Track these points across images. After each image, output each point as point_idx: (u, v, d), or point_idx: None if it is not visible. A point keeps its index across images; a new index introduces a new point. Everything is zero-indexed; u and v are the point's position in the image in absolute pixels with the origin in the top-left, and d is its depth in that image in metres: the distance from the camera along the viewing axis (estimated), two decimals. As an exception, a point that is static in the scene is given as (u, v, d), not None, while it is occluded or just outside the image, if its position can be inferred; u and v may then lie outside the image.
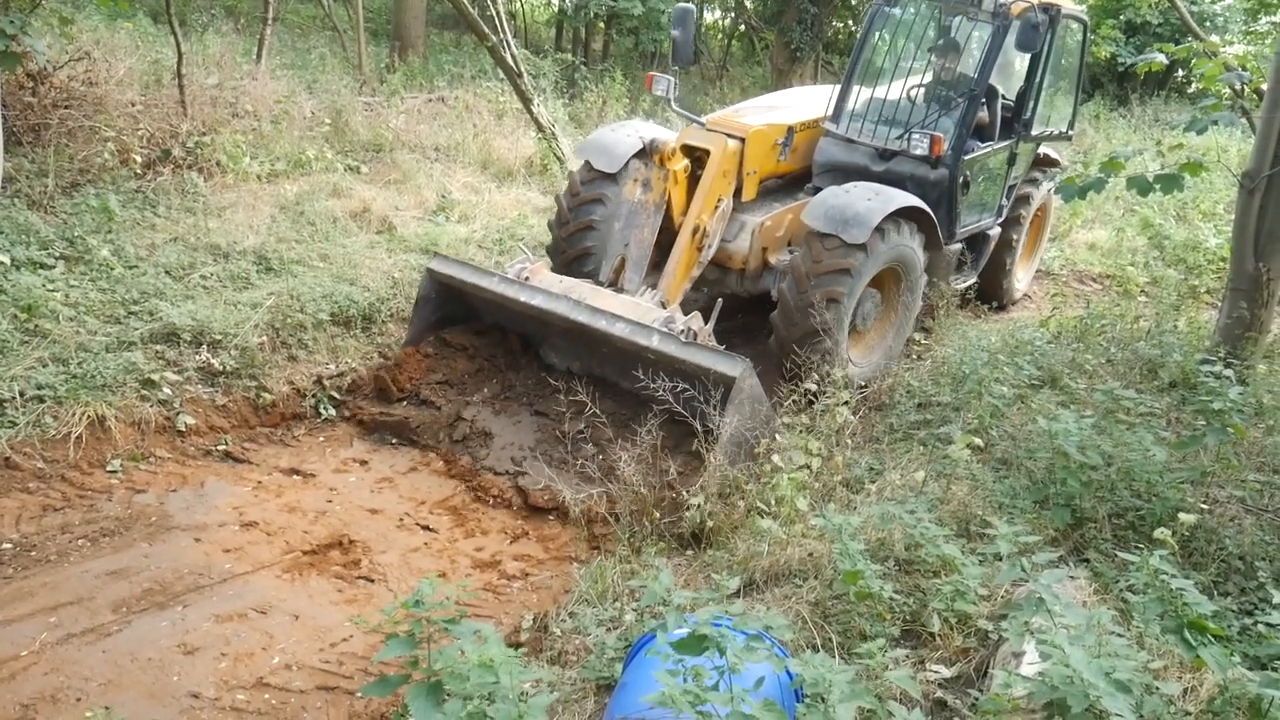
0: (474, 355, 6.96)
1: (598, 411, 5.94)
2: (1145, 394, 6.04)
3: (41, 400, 5.72)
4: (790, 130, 7.53)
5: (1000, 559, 4.22)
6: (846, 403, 5.78)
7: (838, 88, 7.96)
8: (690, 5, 7.39)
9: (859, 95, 7.83)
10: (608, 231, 7.15)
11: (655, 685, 3.09)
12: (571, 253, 7.32)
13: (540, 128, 11.85)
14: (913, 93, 7.76)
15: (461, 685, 2.38)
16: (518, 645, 4.54)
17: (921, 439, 5.98)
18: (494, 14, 11.92)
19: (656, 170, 7.03)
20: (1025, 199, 8.90)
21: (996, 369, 6.27)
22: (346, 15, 17.17)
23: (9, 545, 4.90)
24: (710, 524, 5.09)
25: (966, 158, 7.50)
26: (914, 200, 6.93)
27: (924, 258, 7.22)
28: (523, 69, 11.91)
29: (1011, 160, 8.30)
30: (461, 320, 7.17)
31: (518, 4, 19.64)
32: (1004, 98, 8.20)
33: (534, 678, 2.96)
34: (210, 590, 4.81)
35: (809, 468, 5.26)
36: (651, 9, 17.33)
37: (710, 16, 23.52)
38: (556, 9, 21.16)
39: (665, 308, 6.46)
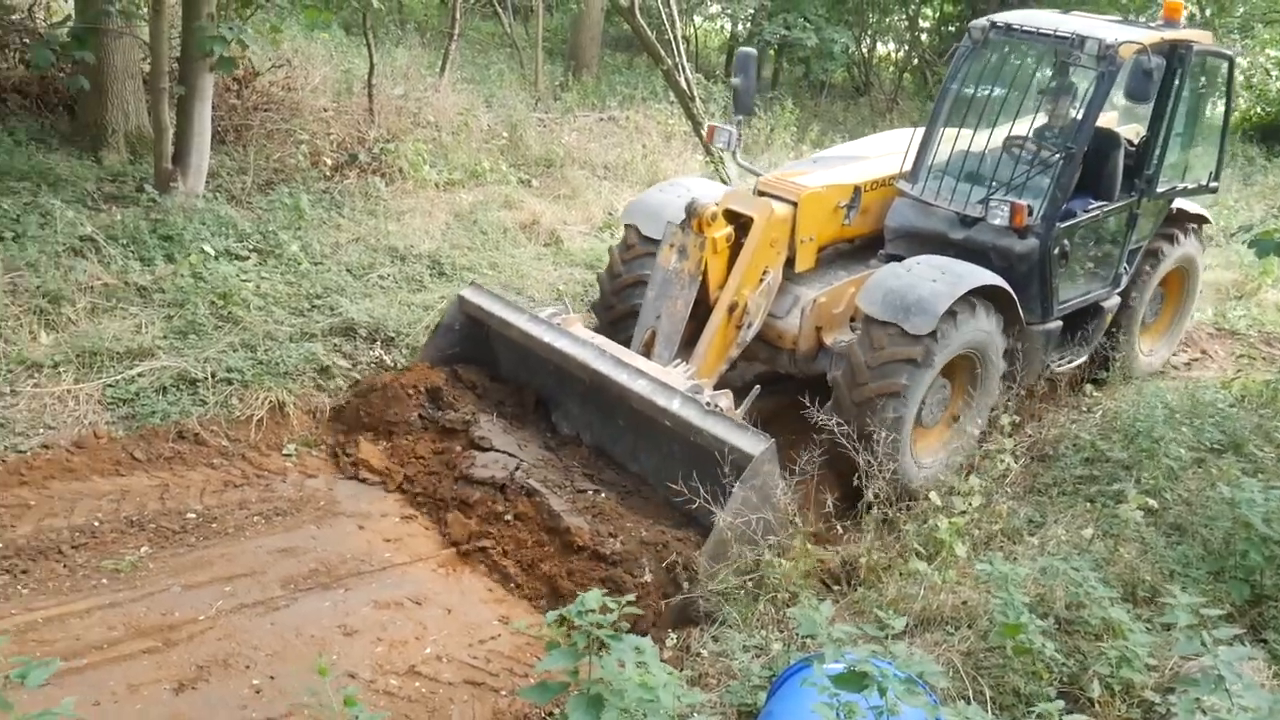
0: (482, 395, 6.39)
1: (596, 485, 5.64)
2: (1341, 467, 5.65)
3: (230, 383, 6.10)
4: (857, 191, 6.60)
5: (1172, 629, 4.02)
6: (1011, 451, 5.60)
7: (916, 140, 6.85)
8: (753, 51, 6.83)
9: (938, 151, 6.77)
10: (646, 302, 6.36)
11: (803, 716, 3.07)
12: (620, 309, 6.75)
13: (708, 151, 11.94)
14: (1000, 149, 6.62)
15: (619, 700, 2.41)
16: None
17: (1089, 495, 5.74)
18: (671, 38, 12.10)
19: (694, 236, 6.10)
20: (1153, 259, 7.55)
21: (1174, 429, 5.98)
22: (525, 34, 17.74)
23: (193, 515, 5.23)
24: (863, 561, 5.01)
25: (1065, 224, 6.42)
26: (990, 279, 5.93)
27: (1004, 342, 6.21)
28: (695, 93, 12.04)
29: (1132, 222, 7.05)
30: (478, 362, 6.62)
31: (691, 29, 19.87)
32: (1130, 146, 7.06)
33: (695, 701, 2.97)
34: (370, 577, 5.01)
35: (967, 511, 5.12)
36: (825, 39, 17.28)
37: (882, 49, 23.27)
38: (729, 35, 21.34)
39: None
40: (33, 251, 6.64)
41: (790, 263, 6.37)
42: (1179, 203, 7.53)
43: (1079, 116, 6.30)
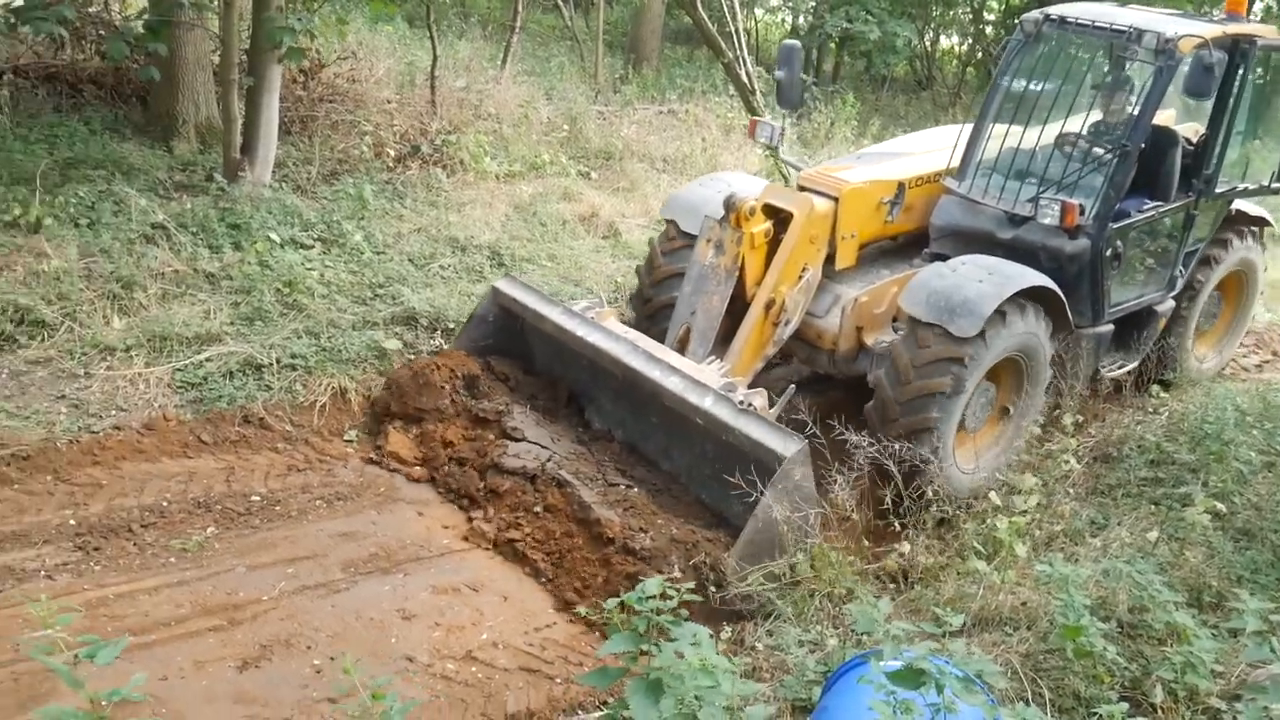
0: (515, 388, 6.34)
1: (629, 479, 5.58)
2: None
3: (294, 369, 6.21)
4: (900, 187, 6.46)
5: (1239, 635, 3.94)
6: (1074, 451, 5.52)
7: (963, 136, 6.67)
8: (797, 44, 6.69)
9: (987, 148, 6.59)
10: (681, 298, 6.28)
11: (859, 712, 3.06)
12: (658, 301, 6.68)
13: (769, 146, 11.89)
14: (1051, 146, 6.41)
15: (679, 685, 2.43)
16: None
17: (1154, 498, 5.64)
18: (732, 31, 12.06)
19: (731, 231, 5.98)
20: (1211, 262, 7.28)
21: (1244, 432, 5.84)
22: (586, 26, 17.80)
23: (258, 498, 5.34)
24: (921, 559, 4.97)
25: (1118, 225, 6.21)
26: (1039, 280, 5.76)
27: (1052, 345, 6.04)
28: (755, 86, 11.99)
29: (1188, 223, 6.80)
30: (511, 355, 6.57)
31: (753, 22, 19.79)
32: (1188, 144, 6.82)
33: (752, 691, 2.98)
34: (429, 562, 5.08)
35: (1027, 511, 5.06)
36: (888, 33, 17.09)
37: (946, 42, 22.97)
38: (790, 28, 21.21)
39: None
40: (106, 238, 6.82)
41: (830, 260, 6.24)
42: (1238, 204, 7.29)
43: (1135, 113, 6.07)
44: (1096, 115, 6.53)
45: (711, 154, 12.17)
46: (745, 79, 11.74)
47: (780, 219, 6.11)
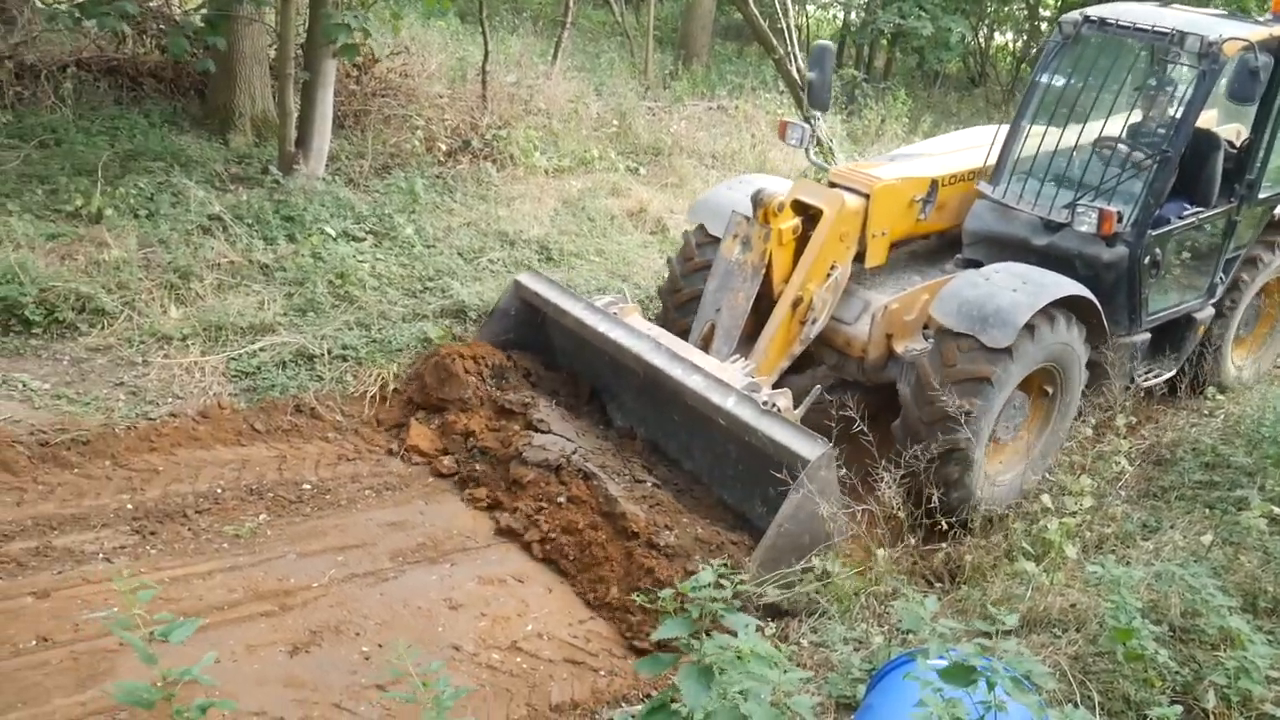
0: (536, 383, 6.30)
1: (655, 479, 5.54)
2: None
3: (345, 360, 6.30)
4: (934, 184, 6.34)
5: (1296, 642, 3.86)
6: (1126, 453, 5.43)
7: (999, 138, 6.55)
8: (830, 44, 6.53)
9: (1023, 151, 6.45)
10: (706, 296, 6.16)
11: (902, 711, 3.05)
12: (682, 306, 6.54)
13: (819, 142, 11.83)
14: (1089, 150, 6.24)
15: (730, 673, 2.44)
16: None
17: (1209, 501, 5.54)
18: (784, 27, 12.00)
19: (758, 227, 5.88)
20: (1252, 268, 7.08)
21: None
22: (636, 22, 17.81)
23: (309, 486, 5.42)
24: (969, 559, 4.93)
25: (1157, 232, 6.04)
26: (1075, 289, 5.60)
27: (1087, 354, 5.87)
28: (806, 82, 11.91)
29: (1230, 229, 6.62)
30: (533, 349, 6.53)
31: (804, 18, 19.67)
32: (1231, 148, 6.64)
33: (803, 677, 2.98)
34: (475, 553, 5.13)
35: (1078, 512, 4.99)
36: (941, 29, 16.90)
37: (1000, 38, 22.67)
38: (841, 24, 21.05)
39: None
40: (165, 229, 6.96)
41: (860, 258, 6.15)
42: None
43: (1176, 118, 5.92)
44: (1136, 119, 6.38)
45: (761, 150, 12.13)
46: (796, 75, 11.68)
47: (810, 216, 6.02)
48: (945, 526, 5.12)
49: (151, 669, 2.72)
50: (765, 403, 5.18)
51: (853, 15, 20.31)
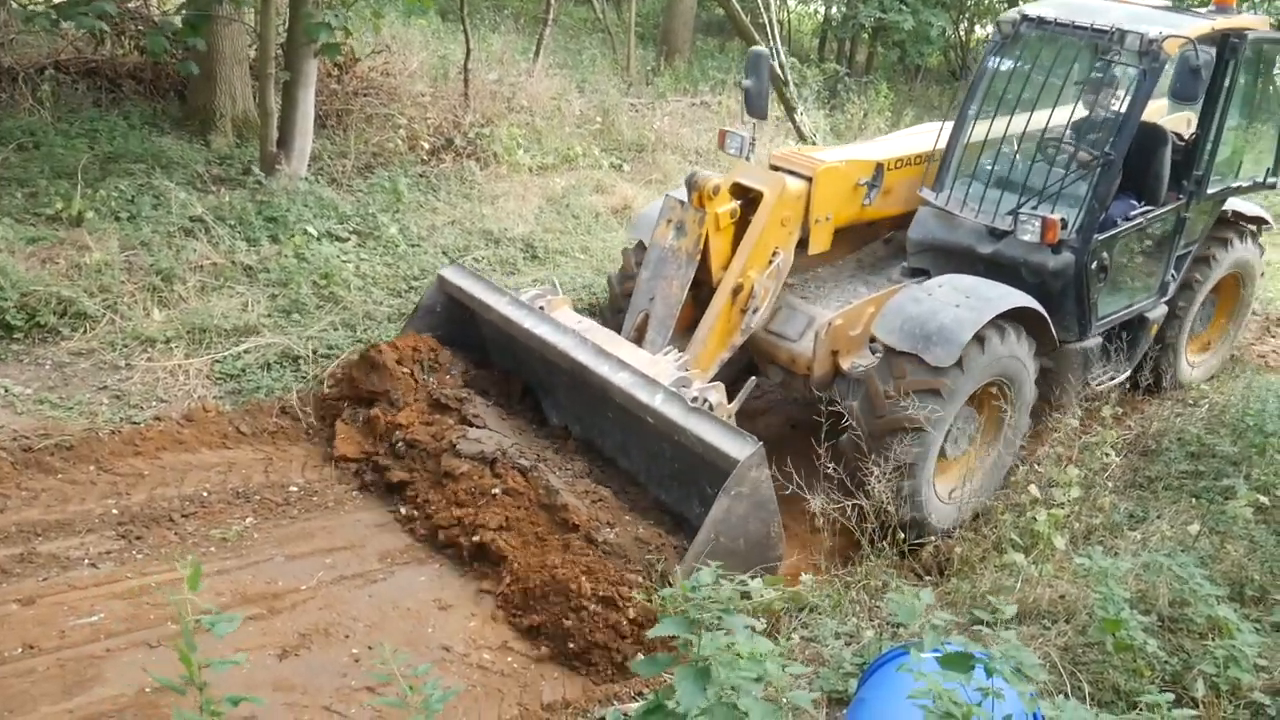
0: (467, 382, 5.95)
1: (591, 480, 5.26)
2: None
3: (330, 360, 6.27)
4: (879, 168, 6.12)
5: (1284, 630, 3.89)
6: (1112, 443, 5.46)
7: (938, 142, 6.30)
8: (764, 50, 6.23)
9: (964, 157, 6.25)
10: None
11: (895, 703, 3.05)
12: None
13: (802, 137, 11.85)
14: (1032, 154, 6.08)
15: (729, 670, 2.44)
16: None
17: (1195, 490, 5.57)
18: (765, 22, 12.01)
19: (693, 211, 5.62)
20: (1204, 265, 6.95)
21: (1288, 424, 5.76)
22: (618, 19, 17.78)
23: (295, 488, 5.39)
24: (958, 551, 4.94)
25: (1104, 236, 5.88)
26: (1021, 300, 5.44)
27: (1036, 366, 5.74)
28: (788, 77, 11.94)
29: (1180, 226, 6.47)
30: (463, 347, 6.17)
31: (785, 13, 19.68)
32: (1179, 141, 6.54)
33: (800, 672, 2.98)
34: (467, 553, 5.10)
35: (1065, 503, 5.01)
36: (922, 22, 16.93)
37: (981, 31, 22.71)
38: (822, 19, 21.06)
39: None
40: (147, 231, 6.91)
41: (803, 244, 5.95)
42: (1234, 203, 6.98)
43: (1119, 118, 5.71)
44: (1080, 119, 6.19)
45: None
46: (778, 70, 11.68)
47: (750, 200, 5.80)
48: (894, 542, 4.99)
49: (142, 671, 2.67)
50: (695, 399, 4.96)
51: (834, 9, 20.31)
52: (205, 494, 5.20)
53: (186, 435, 5.58)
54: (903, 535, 5.01)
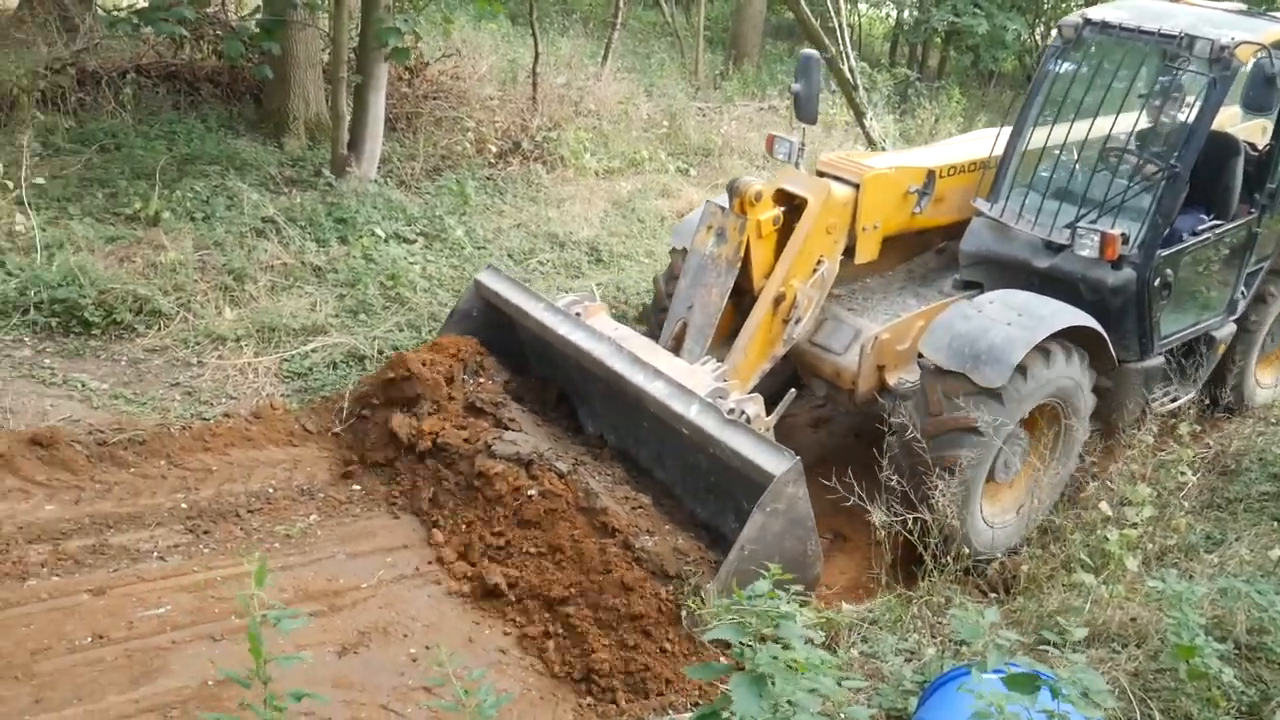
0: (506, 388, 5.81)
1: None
2: None
3: (395, 361, 6.32)
4: (931, 175, 5.88)
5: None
6: (1189, 462, 5.28)
7: (996, 150, 6.05)
8: (816, 54, 5.94)
9: (1021, 166, 5.98)
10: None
11: (957, 725, 2.98)
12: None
13: (871, 142, 11.70)
14: (1093, 164, 5.76)
15: (785, 681, 2.40)
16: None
17: (1276, 513, 5.37)
18: (835, 26, 11.90)
19: (734, 218, 5.44)
20: (1277, 281, 6.54)
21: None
22: (687, 22, 17.76)
23: (358, 487, 5.44)
24: (1024, 569, 4.82)
25: (1168, 252, 5.56)
26: (1076, 319, 5.18)
27: (1093, 385, 5.47)
28: (858, 82, 11.80)
29: (1251, 241, 6.10)
30: (501, 353, 5.99)
31: (856, 17, 19.50)
32: (1252, 151, 6.14)
33: (858, 687, 2.93)
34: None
35: (1138, 522, 4.85)
36: (997, 26, 16.65)
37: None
38: (894, 23, 20.83)
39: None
40: (220, 231, 7.06)
41: (850, 253, 5.76)
42: None
43: (1186, 129, 5.42)
44: (1145, 127, 5.91)
45: (812, 150, 11.97)
46: (848, 74, 11.56)
47: (794, 206, 5.61)
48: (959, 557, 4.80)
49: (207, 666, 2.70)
50: (731, 410, 4.79)
51: (905, 13, 20.08)
52: (271, 490, 5.28)
53: (254, 432, 5.68)
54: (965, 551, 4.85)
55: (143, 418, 5.50)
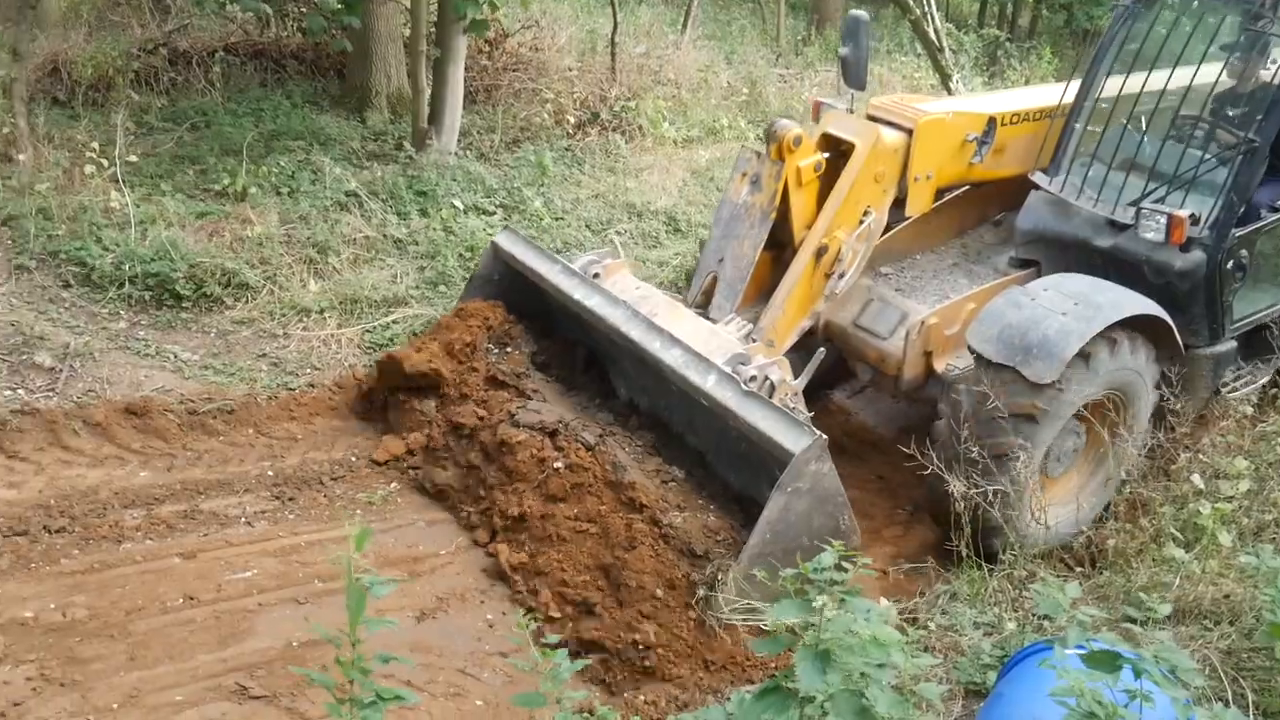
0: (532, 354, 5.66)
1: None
2: None
3: (474, 332, 6.38)
4: (992, 122, 5.48)
5: None
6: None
7: (1057, 118, 5.59)
8: (863, 15, 5.45)
9: (1084, 138, 5.54)
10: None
11: (1035, 700, 2.90)
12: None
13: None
14: (1163, 136, 5.31)
15: (849, 658, 2.37)
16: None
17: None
18: (920, -14, 11.57)
19: (770, 164, 5.04)
20: None
21: None
22: (769, -12, 17.45)
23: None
24: (1111, 543, 4.68)
25: (1242, 231, 5.10)
26: (1137, 306, 4.79)
27: (1157, 374, 5.06)
28: (944, 44, 11.48)
29: None
30: (527, 316, 5.78)
31: (942, -23, 18.97)
32: None
33: (928, 665, 2.88)
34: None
35: (1234, 497, 4.66)
36: (1091, -18, 16.03)
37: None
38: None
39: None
40: (305, 205, 7.20)
41: (900, 204, 5.42)
42: None
43: (1268, 97, 5.01)
44: (1220, 95, 5.43)
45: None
46: (933, 36, 11.25)
47: (842, 153, 5.25)
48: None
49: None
50: (753, 378, 4.51)
51: (996, -28, 19.44)
52: (353, 459, 5.39)
53: (337, 401, 5.80)
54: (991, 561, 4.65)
55: (231, 388, 5.67)
